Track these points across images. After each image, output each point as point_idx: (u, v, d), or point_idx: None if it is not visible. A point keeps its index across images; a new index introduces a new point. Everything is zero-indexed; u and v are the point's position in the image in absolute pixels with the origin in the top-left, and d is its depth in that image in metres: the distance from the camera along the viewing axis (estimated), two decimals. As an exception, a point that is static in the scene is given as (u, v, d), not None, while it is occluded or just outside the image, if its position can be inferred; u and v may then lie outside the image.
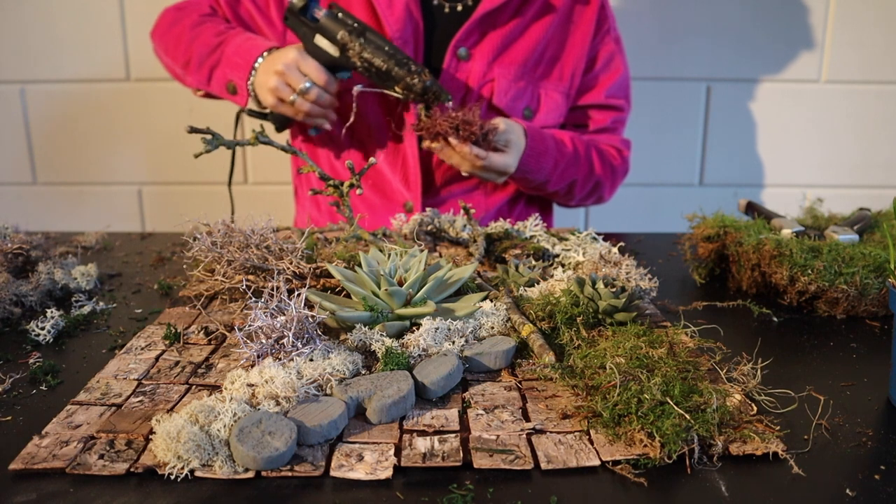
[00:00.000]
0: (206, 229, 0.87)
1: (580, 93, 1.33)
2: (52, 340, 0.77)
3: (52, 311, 0.79)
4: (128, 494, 0.50)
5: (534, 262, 0.92)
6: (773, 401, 0.63)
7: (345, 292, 0.82)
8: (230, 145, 0.88)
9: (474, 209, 1.04)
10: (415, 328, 0.72)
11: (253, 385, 0.60)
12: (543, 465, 0.53)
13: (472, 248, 0.99)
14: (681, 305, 0.88)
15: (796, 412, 0.62)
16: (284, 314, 0.66)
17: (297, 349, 0.65)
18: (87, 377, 0.67)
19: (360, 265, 0.80)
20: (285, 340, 0.65)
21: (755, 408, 0.61)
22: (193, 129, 0.83)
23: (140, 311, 0.87)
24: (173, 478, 0.51)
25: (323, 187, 0.92)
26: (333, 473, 0.52)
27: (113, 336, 0.79)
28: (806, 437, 0.58)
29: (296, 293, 0.68)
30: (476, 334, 0.73)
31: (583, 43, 1.28)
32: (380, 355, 0.67)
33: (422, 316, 0.71)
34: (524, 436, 0.57)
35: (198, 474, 0.52)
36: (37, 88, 1.73)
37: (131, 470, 0.52)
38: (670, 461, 0.54)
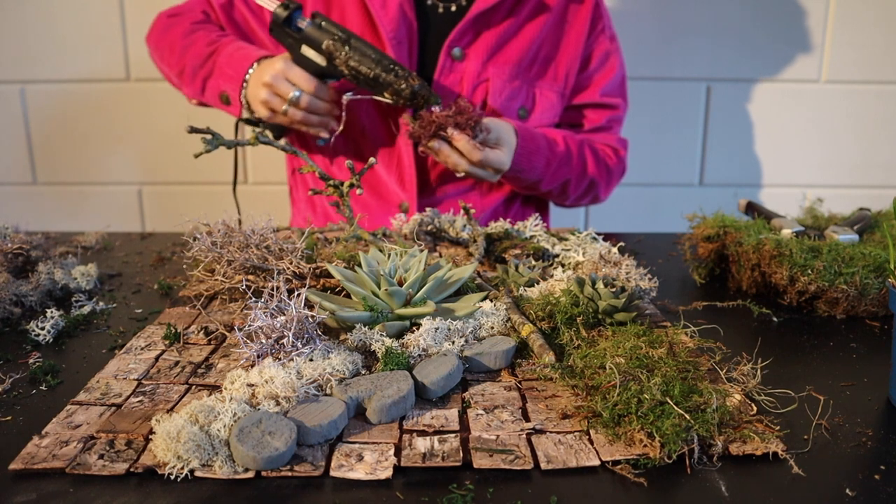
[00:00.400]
0: (205, 229, 0.87)
1: (575, 92, 1.32)
2: (52, 340, 0.77)
3: (52, 311, 0.79)
4: (128, 494, 0.50)
5: (534, 262, 0.92)
6: (773, 401, 0.63)
7: (345, 292, 0.82)
8: (230, 145, 0.88)
9: (474, 209, 1.04)
10: (415, 328, 0.72)
11: (253, 385, 0.60)
12: (543, 465, 0.53)
13: (471, 248, 0.99)
14: (681, 305, 0.88)
15: (796, 412, 0.62)
16: (284, 314, 0.66)
17: (297, 349, 0.65)
18: (87, 377, 0.67)
19: (359, 265, 0.80)
20: (285, 340, 0.65)
21: (755, 408, 0.61)
22: (193, 129, 0.83)
23: (140, 311, 0.87)
24: (173, 478, 0.51)
25: (323, 187, 0.92)
26: (333, 473, 0.52)
27: (113, 336, 0.79)
28: (806, 437, 0.58)
29: (296, 293, 0.68)
30: (476, 334, 0.73)
31: (577, 42, 1.27)
32: (380, 355, 0.67)
33: (422, 316, 0.71)
34: (524, 436, 0.57)
35: (198, 474, 0.52)
36: (37, 88, 1.73)
37: (131, 470, 0.52)
38: (670, 461, 0.54)
